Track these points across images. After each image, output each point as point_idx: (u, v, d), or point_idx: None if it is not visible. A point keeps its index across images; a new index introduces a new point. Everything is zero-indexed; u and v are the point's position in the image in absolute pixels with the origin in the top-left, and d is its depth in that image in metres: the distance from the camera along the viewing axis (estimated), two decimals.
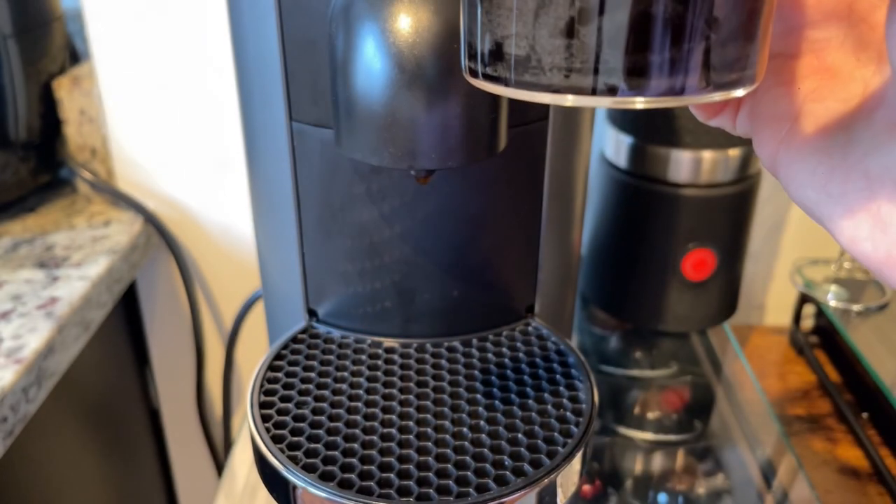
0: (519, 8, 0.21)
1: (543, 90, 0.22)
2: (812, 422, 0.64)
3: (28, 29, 0.65)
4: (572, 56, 0.21)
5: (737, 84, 0.22)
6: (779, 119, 0.25)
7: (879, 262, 0.22)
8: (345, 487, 0.34)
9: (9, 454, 0.51)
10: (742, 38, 0.21)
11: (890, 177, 0.22)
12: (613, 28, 0.20)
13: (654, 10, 0.20)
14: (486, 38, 0.23)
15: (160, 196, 0.73)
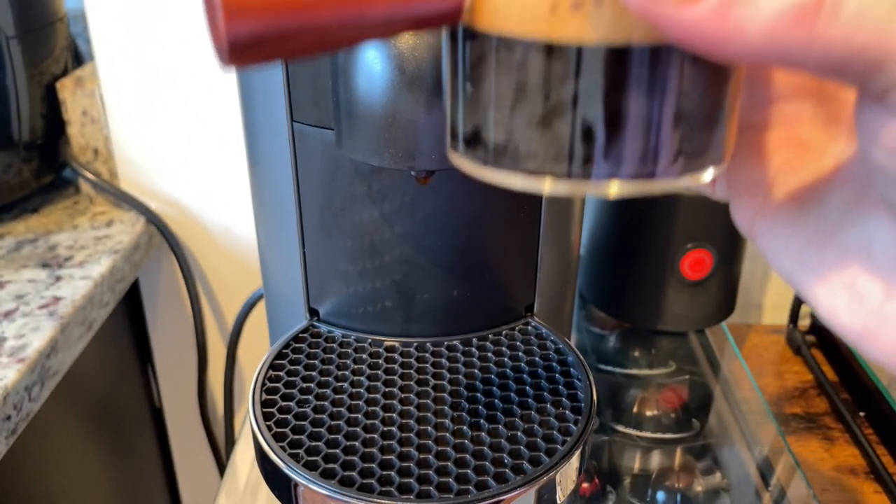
0: (496, 99, 0.22)
1: (520, 174, 0.23)
2: (809, 421, 0.65)
3: (31, 30, 0.65)
4: (548, 146, 0.22)
5: (705, 167, 0.23)
6: (753, 189, 0.25)
7: (856, 333, 0.22)
8: (346, 485, 0.34)
9: (12, 453, 0.51)
10: (708, 126, 0.22)
11: (863, 251, 0.22)
12: (586, 122, 0.21)
13: (624, 106, 0.21)
14: (465, 121, 0.24)
15: (162, 196, 0.73)
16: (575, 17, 0.19)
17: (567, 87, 0.21)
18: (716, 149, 0.23)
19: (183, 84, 0.68)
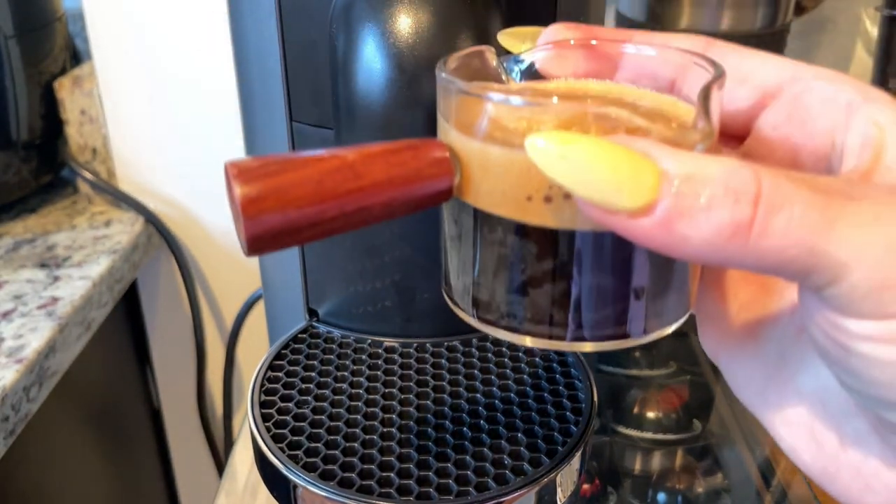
0: (481, 265, 0.24)
1: (503, 329, 0.25)
2: None
3: (29, 29, 0.65)
4: (525, 309, 0.24)
5: (671, 323, 0.25)
6: (717, 320, 0.26)
7: (817, 473, 0.22)
8: (345, 486, 0.34)
9: (10, 453, 0.51)
10: (671, 293, 0.25)
11: (818, 398, 0.22)
12: (559, 292, 0.23)
13: (591, 280, 0.23)
14: (456, 276, 0.26)
15: (161, 196, 0.73)
16: (546, 207, 0.22)
17: (541, 263, 0.23)
18: (680, 306, 0.25)
19: (181, 83, 0.68)
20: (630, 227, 0.19)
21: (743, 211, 0.18)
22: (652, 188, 0.18)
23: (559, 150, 0.19)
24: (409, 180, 0.23)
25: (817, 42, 0.71)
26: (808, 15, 0.68)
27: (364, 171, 0.22)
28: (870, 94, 0.23)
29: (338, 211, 0.22)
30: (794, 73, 0.24)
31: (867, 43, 0.71)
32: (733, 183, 0.18)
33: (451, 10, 0.32)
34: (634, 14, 0.57)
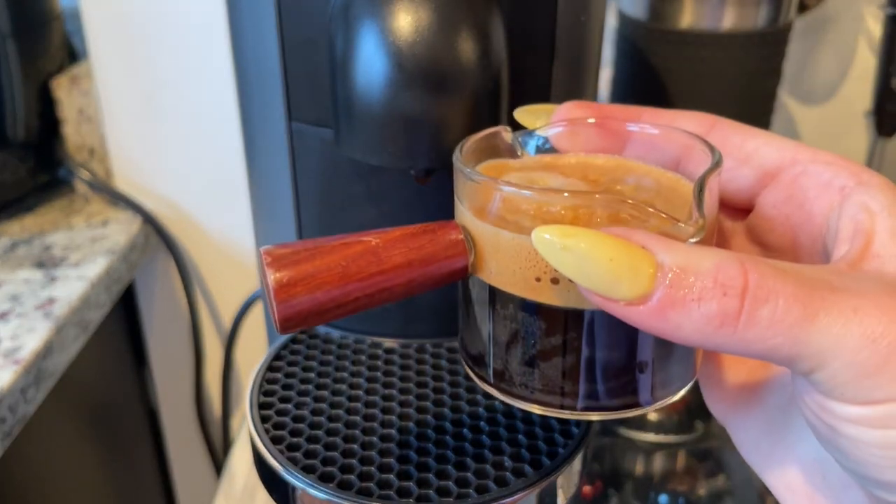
0: (494, 336, 0.26)
1: (516, 398, 0.27)
2: None
3: (26, 28, 0.65)
4: (536, 380, 0.26)
5: (676, 392, 0.27)
6: (723, 386, 0.27)
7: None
8: (344, 488, 0.34)
9: (7, 455, 0.51)
10: (674, 366, 0.26)
11: (818, 469, 0.23)
12: (567, 366, 0.25)
13: (599, 356, 0.25)
14: (471, 342, 0.28)
15: (159, 196, 0.73)
16: (553, 288, 0.24)
17: (549, 338, 0.25)
18: (685, 375, 0.27)
19: (179, 82, 0.68)
20: (628, 313, 0.21)
21: (731, 303, 0.20)
22: (648, 279, 0.20)
23: (562, 243, 0.21)
24: (426, 263, 0.25)
25: (820, 41, 0.71)
26: (810, 13, 0.68)
27: (385, 255, 0.25)
28: (862, 177, 0.24)
29: (361, 293, 0.25)
30: (793, 156, 0.25)
31: (870, 42, 0.71)
32: (722, 276, 0.20)
33: (451, 9, 0.32)
34: (636, 13, 0.56)
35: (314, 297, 0.24)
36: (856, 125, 0.74)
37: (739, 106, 0.56)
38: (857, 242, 0.23)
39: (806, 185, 0.25)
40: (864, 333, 0.19)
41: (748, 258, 0.20)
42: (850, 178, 0.24)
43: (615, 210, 0.23)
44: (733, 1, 0.53)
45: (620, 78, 0.60)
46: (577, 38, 0.39)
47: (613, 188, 0.26)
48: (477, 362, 0.28)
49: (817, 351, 0.20)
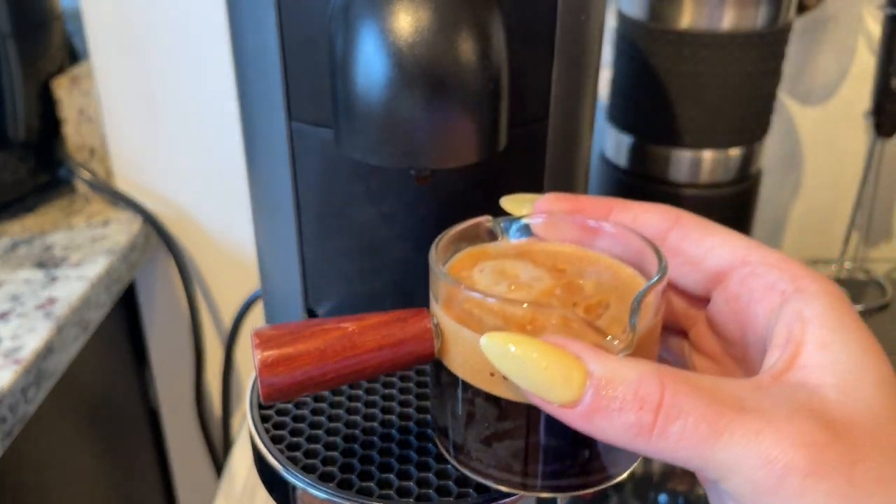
0: (456, 417, 0.29)
1: (473, 472, 0.30)
2: None
3: (27, 28, 0.65)
4: (491, 458, 0.29)
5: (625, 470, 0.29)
6: None
7: None
8: (344, 488, 0.34)
9: (7, 455, 0.51)
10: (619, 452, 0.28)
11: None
12: (518, 450, 0.28)
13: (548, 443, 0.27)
14: (440, 419, 0.31)
15: (159, 196, 0.73)
16: (506, 382, 0.26)
17: (502, 424, 0.28)
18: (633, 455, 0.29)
19: (180, 82, 0.68)
20: (560, 414, 0.23)
21: (646, 417, 0.22)
22: (578, 387, 0.23)
23: (504, 351, 0.24)
24: (396, 348, 0.29)
25: (819, 41, 0.71)
26: (810, 13, 0.68)
27: (360, 341, 0.28)
28: (802, 283, 0.26)
29: (336, 374, 0.28)
30: (744, 256, 0.27)
31: (869, 42, 0.71)
32: (642, 391, 0.22)
33: (451, 9, 0.32)
34: (636, 13, 0.56)
35: (294, 376, 0.28)
36: (855, 125, 0.74)
37: (739, 106, 0.56)
38: (786, 351, 0.24)
39: (752, 287, 0.27)
40: (762, 455, 0.21)
41: (669, 374, 0.23)
42: (790, 283, 0.26)
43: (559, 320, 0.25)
44: (733, 1, 0.53)
45: (620, 78, 0.60)
46: (577, 38, 0.39)
47: (575, 281, 0.29)
48: (442, 434, 0.31)
49: (721, 466, 0.22)
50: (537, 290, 0.28)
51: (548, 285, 0.29)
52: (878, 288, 0.72)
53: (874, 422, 0.22)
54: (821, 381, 0.23)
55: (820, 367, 0.24)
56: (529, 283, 0.29)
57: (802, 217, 0.78)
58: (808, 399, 0.23)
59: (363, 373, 0.29)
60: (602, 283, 0.29)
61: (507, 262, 0.30)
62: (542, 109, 0.40)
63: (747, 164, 0.60)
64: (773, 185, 0.77)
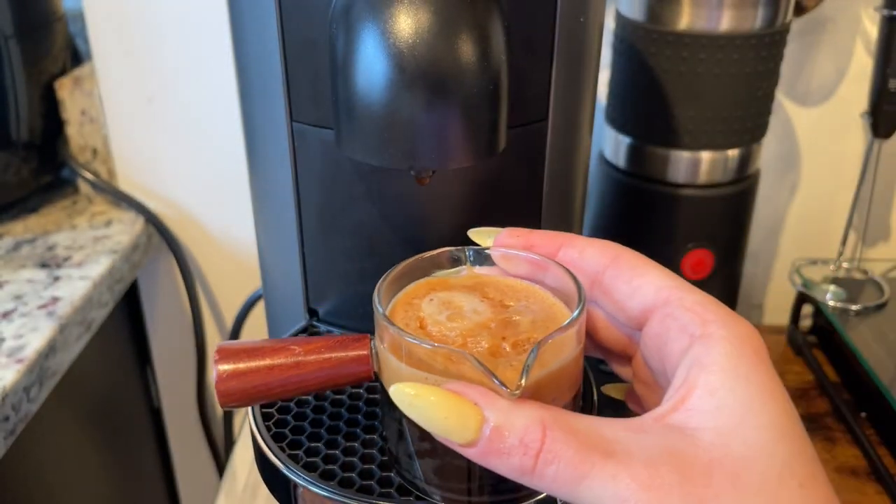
0: (389, 430, 0.32)
1: (405, 482, 0.33)
2: (810, 421, 0.65)
3: (29, 29, 0.65)
4: (417, 470, 0.32)
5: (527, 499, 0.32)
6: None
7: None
8: (345, 486, 0.34)
9: (10, 453, 0.51)
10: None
11: None
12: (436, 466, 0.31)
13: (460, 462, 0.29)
14: (384, 428, 0.34)
15: (161, 196, 0.73)
16: None
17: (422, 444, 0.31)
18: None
19: (182, 83, 0.68)
20: (461, 451, 0.27)
21: (528, 461, 0.25)
22: (475, 432, 0.26)
23: (410, 401, 0.27)
24: (334, 368, 0.33)
25: (817, 42, 0.71)
26: (807, 15, 0.68)
27: (304, 361, 0.33)
28: (710, 328, 0.27)
29: (281, 388, 0.33)
30: (666, 297, 0.29)
31: (867, 43, 0.71)
32: (527, 438, 0.25)
33: (451, 10, 0.32)
34: (634, 14, 0.57)
35: (244, 388, 0.33)
36: (853, 126, 0.74)
37: (737, 107, 0.56)
38: (678, 393, 0.27)
39: (669, 327, 0.29)
40: (617, 496, 0.24)
41: (553, 420, 0.26)
42: (699, 327, 0.28)
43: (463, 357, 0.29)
44: (731, 3, 0.53)
45: (619, 79, 0.60)
46: (577, 39, 0.40)
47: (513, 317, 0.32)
48: (384, 441, 0.36)
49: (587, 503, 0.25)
50: (473, 322, 0.32)
51: (485, 319, 0.32)
52: (875, 287, 0.72)
53: (743, 465, 0.25)
54: (700, 424, 0.26)
55: (703, 411, 0.26)
56: (469, 316, 0.32)
57: (800, 217, 0.79)
58: (678, 442, 0.25)
59: (306, 389, 0.33)
60: (537, 321, 0.32)
61: (458, 294, 0.34)
62: (541, 110, 0.40)
63: (745, 165, 0.60)
64: (771, 185, 0.77)
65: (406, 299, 0.34)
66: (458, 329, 0.31)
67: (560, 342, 0.30)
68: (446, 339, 0.31)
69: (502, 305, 0.33)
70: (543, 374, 0.29)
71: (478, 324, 0.32)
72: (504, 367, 0.29)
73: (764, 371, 0.27)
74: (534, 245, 0.34)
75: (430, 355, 0.29)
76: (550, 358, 0.30)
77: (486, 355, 0.30)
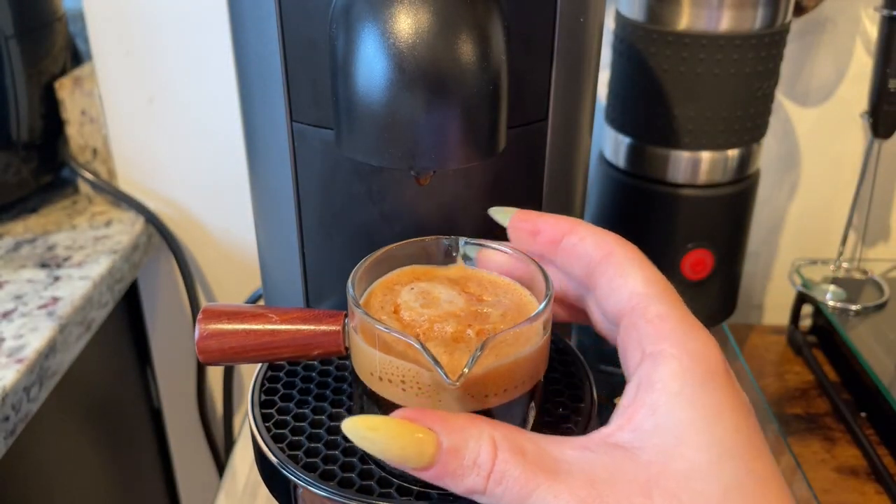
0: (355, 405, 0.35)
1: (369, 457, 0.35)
2: (810, 421, 0.65)
3: (29, 30, 0.65)
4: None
5: None
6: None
7: None
8: (345, 486, 0.34)
9: (10, 453, 0.51)
10: None
11: None
12: None
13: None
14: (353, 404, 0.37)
15: (161, 196, 0.73)
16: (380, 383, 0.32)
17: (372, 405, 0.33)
18: None
19: (182, 83, 0.68)
20: (417, 475, 0.28)
21: (479, 481, 0.27)
22: (430, 457, 0.27)
23: (364, 435, 0.28)
24: (305, 340, 0.35)
25: (816, 42, 0.71)
26: (807, 15, 0.68)
27: (278, 330, 0.35)
28: (663, 346, 0.28)
29: (256, 352, 0.35)
30: (635, 304, 0.30)
31: (866, 43, 0.71)
32: (479, 459, 0.27)
33: (451, 11, 0.32)
34: (634, 14, 0.57)
35: (222, 349, 0.35)
36: (852, 126, 0.74)
37: (736, 107, 0.56)
38: (626, 413, 0.28)
39: (627, 338, 0.30)
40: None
41: (505, 441, 0.27)
42: (653, 343, 0.28)
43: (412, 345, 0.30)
44: (730, 3, 0.53)
45: (619, 79, 0.60)
46: (577, 39, 0.40)
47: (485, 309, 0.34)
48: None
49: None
50: (445, 310, 0.33)
51: (457, 308, 0.33)
52: (875, 287, 0.72)
53: (685, 483, 0.25)
54: (642, 443, 0.27)
55: (645, 430, 0.27)
56: (443, 305, 0.34)
57: (800, 217, 0.79)
58: (620, 460, 0.26)
59: (279, 356, 0.36)
60: (507, 314, 0.34)
61: (439, 286, 0.35)
62: (541, 110, 0.40)
63: (745, 165, 0.60)
64: (771, 185, 0.77)
65: (388, 284, 0.36)
66: (428, 315, 0.33)
67: (517, 336, 0.31)
68: (415, 323, 0.33)
69: (479, 299, 0.35)
70: (498, 365, 0.31)
71: (448, 312, 0.33)
72: (462, 353, 0.30)
73: (714, 390, 0.27)
74: (539, 230, 0.34)
75: (391, 337, 0.31)
76: (508, 350, 0.31)
77: (449, 340, 0.32)
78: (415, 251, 0.37)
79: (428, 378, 0.31)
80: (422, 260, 0.37)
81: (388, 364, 0.31)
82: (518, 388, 0.32)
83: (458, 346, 0.31)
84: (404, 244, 0.37)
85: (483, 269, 0.37)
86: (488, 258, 0.37)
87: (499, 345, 0.31)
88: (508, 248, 0.36)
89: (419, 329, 0.32)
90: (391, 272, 0.36)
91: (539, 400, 0.35)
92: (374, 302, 0.35)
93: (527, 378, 0.33)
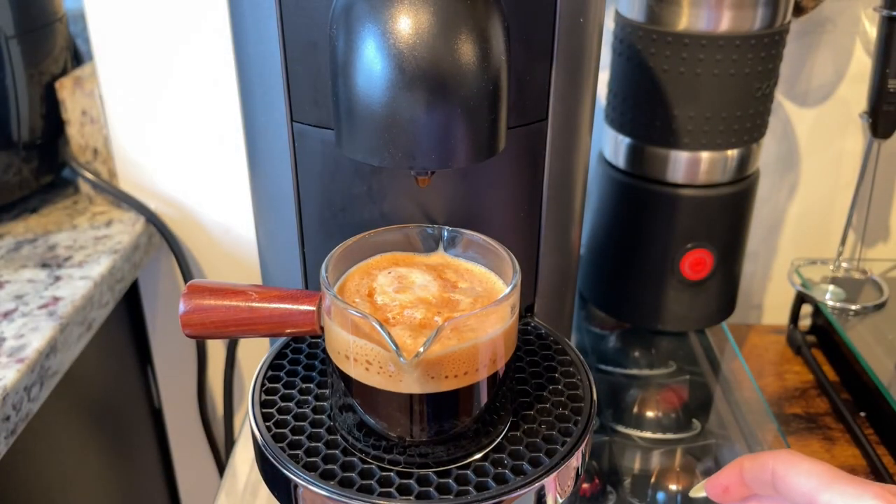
0: (335, 393, 0.36)
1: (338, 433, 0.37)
2: (810, 421, 0.65)
3: (30, 30, 0.65)
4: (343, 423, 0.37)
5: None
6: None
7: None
8: (345, 486, 0.34)
9: (11, 453, 0.51)
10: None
11: None
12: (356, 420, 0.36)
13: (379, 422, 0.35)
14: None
15: (162, 196, 0.73)
16: (349, 363, 0.34)
17: (346, 398, 0.35)
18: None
19: (182, 83, 0.68)
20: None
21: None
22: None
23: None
24: (282, 318, 0.37)
25: (816, 42, 0.71)
26: (807, 15, 0.68)
27: (257, 307, 0.37)
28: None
29: (236, 328, 0.37)
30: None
31: (866, 43, 0.71)
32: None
33: (451, 11, 0.32)
34: (633, 15, 0.57)
35: (203, 323, 0.37)
36: (852, 126, 0.74)
37: (736, 108, 0.57)
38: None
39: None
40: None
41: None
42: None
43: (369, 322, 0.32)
44: (730, 3, 0.53)
45: (618, 79, 0.61)
46: (576, 40, 0.40)
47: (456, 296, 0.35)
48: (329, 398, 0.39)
49: None
50: (417, 296, 0.35)
51: (429, 295, 0.35)
52: (874, 287, 0.73)
53: None
54: None
55: None
56: (416, 291, 0.35)
57: (799, 217, 0.79)
58: None
59: (257, 331, 0.37)
60: (477, 302, 0.35)
61: (416, 272, 0.37)
62: (541, 110, 0.40)
63: (745, 165, 0.60)
64: (771, 185, 0.77)
65: (367, 268, 0.37)
66: (400, 301, 0.34)
67: (478, 319, 0.32)
68: (386, 307, 0.34)
69: (454, 286, 0.36)
70: (459, 349, 0.32)
71: (420, 298, 0.34)
72: (426, 338, 0.31)
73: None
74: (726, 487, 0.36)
75: (357, 319, 0.32)
76: (469, 334, 0.32)
77: (416, 326, 0.33)
78: (398, 238, 0.39)
79: (389, 358, 0.32)
80: (405, 247, 0.39)
81: (353, 344, 0.33)
82: (479, 371, 0.33)
83: (424, 331, 0.33)
84: (383, 230, 0.38)
85: (462, 259, 0.39)
86: (468, 247, 0.38)
87: (459, 328, 0.32)
88: (488, 239, 0.38)
89: (389, 313, 0.34)
90: (371, 257, 0.38)
91: (509, 385, 0.36)
92: (351, 285, 0.36)
93: (488, 362, 0.34)
